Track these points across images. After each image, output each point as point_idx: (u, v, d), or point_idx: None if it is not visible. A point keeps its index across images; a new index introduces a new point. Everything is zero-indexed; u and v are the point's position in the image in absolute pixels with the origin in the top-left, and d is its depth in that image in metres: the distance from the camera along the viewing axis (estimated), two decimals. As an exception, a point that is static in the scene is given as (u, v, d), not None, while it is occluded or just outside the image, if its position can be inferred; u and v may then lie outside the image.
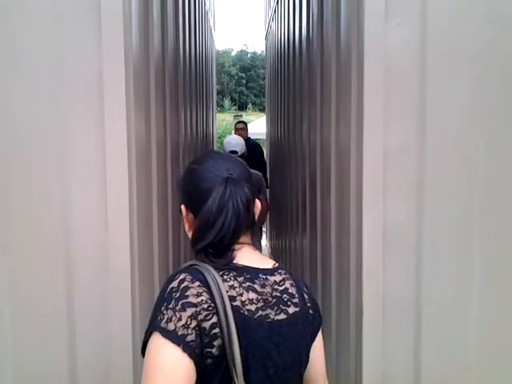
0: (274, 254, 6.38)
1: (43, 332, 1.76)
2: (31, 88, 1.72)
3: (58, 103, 1.72)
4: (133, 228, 1.78)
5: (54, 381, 1.77)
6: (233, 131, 7.34)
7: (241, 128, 7.15)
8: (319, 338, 1.27)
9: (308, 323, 1.22)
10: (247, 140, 6.50)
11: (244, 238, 1.22)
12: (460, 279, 1.82)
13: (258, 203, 1.25)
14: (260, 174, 4.73)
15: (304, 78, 3.40)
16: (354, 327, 1.89)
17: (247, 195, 1.19)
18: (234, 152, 4.67)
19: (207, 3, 6.80)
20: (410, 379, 1.84)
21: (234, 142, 4.87)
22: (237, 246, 1.19)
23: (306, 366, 1.23)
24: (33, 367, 1.77)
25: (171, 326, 1.04)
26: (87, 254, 1.75)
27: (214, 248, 1.15)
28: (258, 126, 14.64)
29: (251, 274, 1.17)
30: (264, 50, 9.57)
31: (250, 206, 1.20)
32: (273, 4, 6.89)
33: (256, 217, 1.25)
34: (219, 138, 16.90)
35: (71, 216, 1.74)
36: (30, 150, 1.73)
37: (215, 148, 8.51)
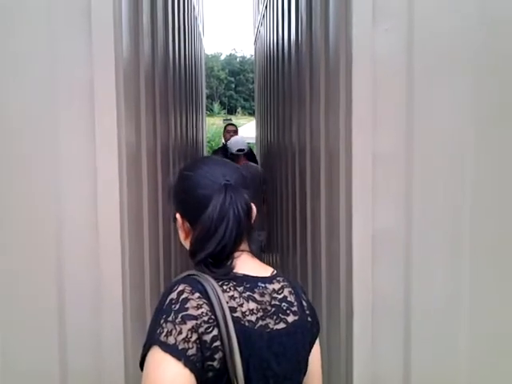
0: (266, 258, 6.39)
1: (34, 332, 1.76)
2: (26, 91, 1.73)
3: (51, 107, 1.73)
4: (124, 231, 1.79)
5: (44, 381, 1.77)
6: (225, 134, 7.15)
7: (232, 130, 6.99)
8: (317, 345, 1.26)
9: (307, 331, 1.20)
10: None
11: (243, 245, 1.19)
12: (450, 283, 1.84)
13: (254, 208, 1.22)
14: (259, 167, 5.08)
15: (293, 83, 3.42)
16: (344, 331, 1.91)
17: (247, 201, 1.16)
18: (241, 150, 5.11)
19: (196, 8, 6.81)
20: (400, 382, 1.85)
21: (241, 140, 5.32)
22: (236, 254, 1.16)
23: (305, 374, 1.22)
24: (22, 366, 1.77)
25: (171, 340, 1.00)
26: (79, 255, 1.76)
27: (214, 257, 1.12)
28: (247, 129, 14.66)
29: (251, 282, 1.14)
30: (253, 54, 9.61)
31: (250, 213, 1.18)
32: (261, 9, 6.93)
33: (252, 221, 1.23)
34: (209, 141, 16.91)
35: (63, 220, 1.75)
36: (24, 152, 1.75)
37: (205, 152, 8.49)
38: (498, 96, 1.81)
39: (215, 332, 1.03)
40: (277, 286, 1.18)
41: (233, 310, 1.07)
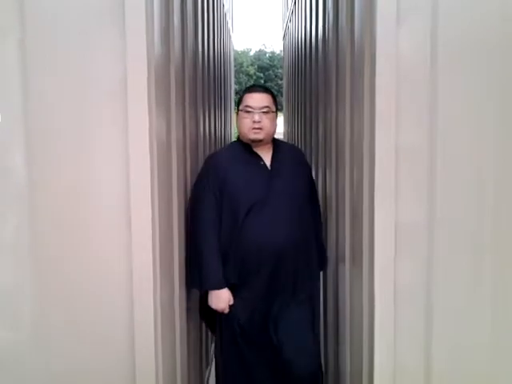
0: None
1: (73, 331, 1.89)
2: (63, 87, 1.81)
3: (84, 105, 1.81)
4: (155, 227, 1.86)
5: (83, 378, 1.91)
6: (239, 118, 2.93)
7: (264, 109, 2.75)
8: None
9: None
10: (276, 145, 2.85)
11: None
12: (472, 276, 1.86)
13: None
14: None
15: (320, 79, 3.45)
16: (366, 323, 1.94)
17: None
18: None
19: (226, 5, 6.87)
20: (421, 374, 1.88)
21: None
22: None
23: None
24: (64, 366, 1.91)
25: None
26: (111, 254, 1.85)
27: None
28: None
29: None
30: (282, 49, 9.62)
31: None
32: (290, 5, 6.94)
33: None
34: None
35: (95, 216, 1.85)
36: (58, 150, 1.84)
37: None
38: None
39: None
40: None
41: None
